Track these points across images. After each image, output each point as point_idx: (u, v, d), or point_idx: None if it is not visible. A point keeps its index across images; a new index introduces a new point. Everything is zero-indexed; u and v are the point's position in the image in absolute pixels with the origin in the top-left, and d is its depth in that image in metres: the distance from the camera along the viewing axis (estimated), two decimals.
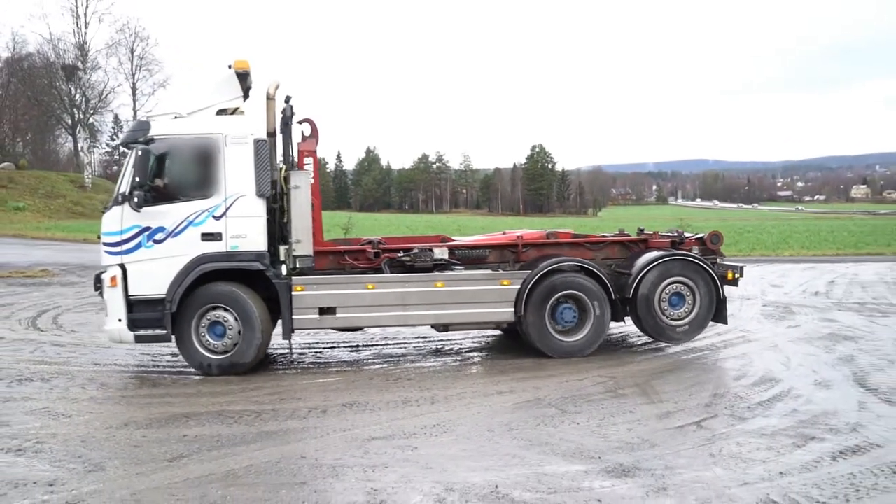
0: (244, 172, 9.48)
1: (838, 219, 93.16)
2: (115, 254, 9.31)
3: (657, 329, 10.74)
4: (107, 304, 9.33)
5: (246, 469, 6.13)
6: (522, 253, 10.93)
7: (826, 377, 9.14)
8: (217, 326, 9.50)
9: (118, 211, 9.29)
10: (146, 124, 9.40)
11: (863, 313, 14.07)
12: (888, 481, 5.75)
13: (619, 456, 6.38)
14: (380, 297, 9.96)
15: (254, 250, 9.52)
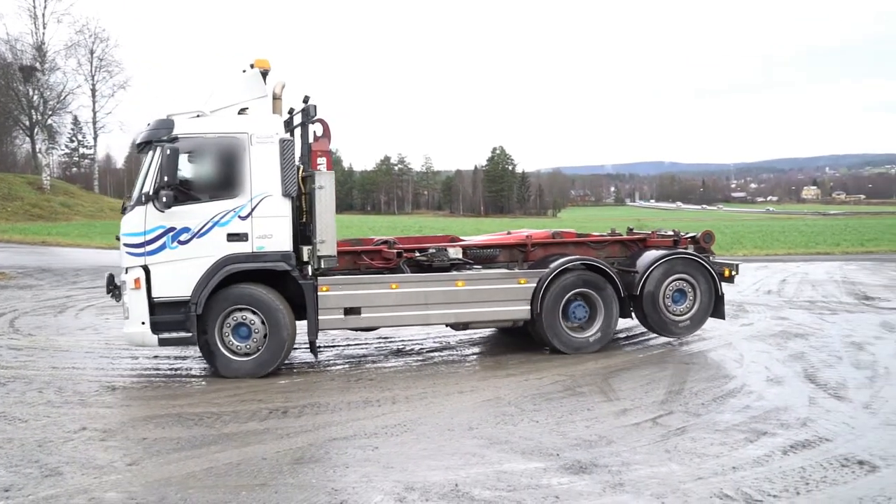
0: (270, 172, 9.37)
1: (790, 219, 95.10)
2: (138, 255, 9.08)
3: (661, 324, 11.10)
4: (128, 307, 9.08)
5: (206, 471, 6.11)
6: (531, 252, 11.24)
7: (778, 374, 9.37)
8: (241, 328, 9.38)
9: (141, 211, 9.08)
10: (170, 122, 9.20)
11: (813, 311, 14.42)
12: (836, 474, 5.93)
13: (577, 453, 6.49)
14: (403, 296, 10.04)
15: (280, 251, 9.44)
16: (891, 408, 7.77)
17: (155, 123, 9.31)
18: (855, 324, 13.08)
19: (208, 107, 9.53)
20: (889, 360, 10.05)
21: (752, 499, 5.44)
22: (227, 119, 9.50)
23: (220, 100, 9.63)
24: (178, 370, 9.90)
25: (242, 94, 9.70)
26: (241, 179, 9.32)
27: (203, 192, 9.38)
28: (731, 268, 11.50)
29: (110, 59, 67.62)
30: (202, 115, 9.46)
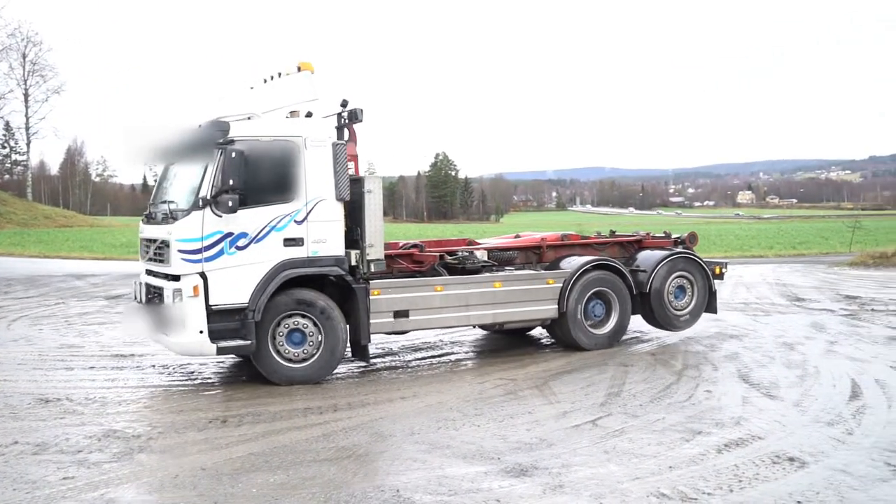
0: (324, 176, 9.32)
1: (726, 223, 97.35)
2: (195, 261, 8.77)
3: (665, 319, 11.88)
4: (182, 316, 8.75)
5: (146, 484, 6.00)
6: (545, 254, 11.80)
7: (712, 374, 9.59)
8: (295, 334, 9.26)
9: (198, 216, 8.76)
10: (226, 125, 8.94)
11: (747, 313, 14.80)
12: (768, 471, 6.10)
13: (518, 456, 6.55)
14: (447, 298, 10.26)
15: (333, 255, 9.41)
16: (820, 406, 8.02)
17: (208, 125, 9.04)
18: (787, 324, 13.47)
19: (260, 109, 9.43)
20: (818, 359, 10.37)
21: (688, 497, 5.56)
22: (281, 122, 9.45)
23: (270, 102, 9.57)
24: (115, 380, 9.68)
25: (292, 96, 9.66)
26: (297, 183, 9.22)
27: (259, 196, 9.05)
28: (721, 266, 12.51)
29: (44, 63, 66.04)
30: (254, 117, 9.36)
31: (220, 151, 8.76)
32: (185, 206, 8.96)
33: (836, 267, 26.24)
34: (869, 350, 10.92)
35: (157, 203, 9.78)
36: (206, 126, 9.04)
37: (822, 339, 11.98)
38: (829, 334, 12.35)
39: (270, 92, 9.77)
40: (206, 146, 8.90)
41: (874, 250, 28.94)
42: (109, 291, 19.85)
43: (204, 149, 8.94)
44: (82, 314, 15.59)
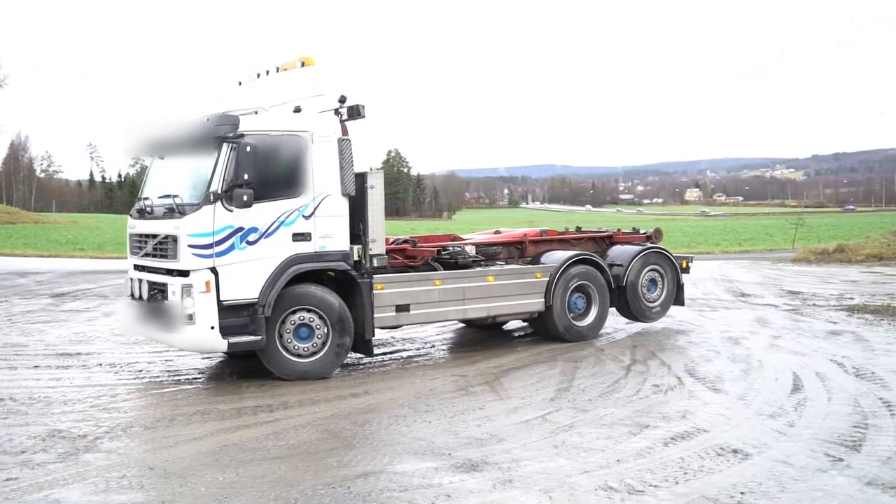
0: (330, 171, 9.37)
1: (674, 220, 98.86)
2: (206, 256, 8.68)
3: (640, 310, 12.48)
4: (194, 311, 8.61)
5: (92, 484, 5.91)
6: (527, 249, 12.17)
7: (659, 369, 9.76)
8: (302, 329, 9.27)
9: (209, 211, 8.65)
10: (235, 119, 8.85)
11: (694, 308, 15.06)
12: (712, 463, 6.23)
13: (469, 451, 6.59)
14: (445, 292, 10.49)
15: (339, 250, 9.48)
16: (763, 399, 8.22)
17: (217, 119, 8.91)
18: (732, 320, 13.76)
19: (265, 103, 9.36)
20: (762, 353, 10.62)
21: (635, 489, 5.66)
22: (289, 116, 9.43)
23: (276, 96, 9.53)
24: (60, 380, 9.50)
25: (298, 91, 9.66)
26: (305, 178, 9.25)
27: (268, 191, 8.98)
28: (687, 260, 13.26)
29: None
30: (261, 111, 9.27)
31: (231, 145, 8.71)
32: (194, 201, 8.82)
33: (779, 263, 26.88)
34: (810, 344, 11.21)
35: (152, 198, 9.62)
36: (214, 120, 8.93)
37: (765, 333, 12.27)
38: (772, 329, 12.65)
39: (276, 86, 9.79)
40: (215, 140, 8.81)
41: (816, 247, 29.71)
42: (54, 289, 19.44)
43: (213, 143, 8.84)
44: (26, 312, 15.24)
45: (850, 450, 6.47)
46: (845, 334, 11.97)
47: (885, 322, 13.01)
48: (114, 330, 12.89)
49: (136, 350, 11.32)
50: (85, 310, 15.68)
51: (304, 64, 9.76)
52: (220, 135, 8.77)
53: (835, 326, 12.75)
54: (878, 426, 7.12)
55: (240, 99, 9.95)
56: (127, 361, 10.50)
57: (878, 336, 11.76)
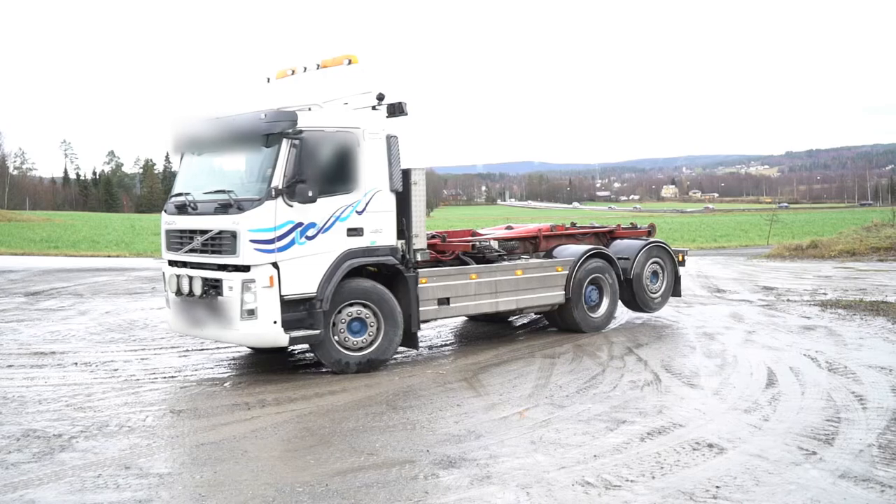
0: (380, 167, 9.55)
1: (650, 216, 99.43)
2: (268, 252, 8.75)
3: (644, 302, 13.09)
4: (256, 306, 8.71)
5: (67, 484, 5.87)
6: (541, 243, 12.52)
7: (636, 364, 9.83)
8: (354, 323, 9.44)
9: (271, 206, 8.72)
10: (293, 115, 8.87)
11: (670, 304, 15.08)
12: (688, 457, 6.29)
13: (447, 448, 6.61)
14: (480, 286, 10.81)
15: (388, 245, 9.69)
16: (738, 394, 8.30)
17: (273, 115, 8.94)
18: (707, 315, 13.89)
19: (314, 100, 9.45)
20: (737, 348, 10.72)
21: (612, 484, 5.71)
22: (342, 113, 9.57)
23: (325, 93, 9.62)
24: (34, 379, 9.41)
25: (348, 88, 9.76)
26: (357, 174, 9.41)
27: (325, 186, 9.07)
28: (683, 254, 13.97)
29: None
30: (314, 108, 9.33)
31: (290, 142, 8.79)
32: (252, 196, 8.87)
33: (754, 259, 27.14)
34: (784, 339, 11.34)
35: (192, 194, 9.59)
36: (271, 116, 8.94)
37: (740, 329, 12.39)
38: (747, 324, 12.78)
39: (320, 83, 9.85)
40: (275, 136, 8.86)
41: (790, 243, 30.03)
42: (28, 288, 19.23)
43: (269, 139, 8.92)
44: (0, 311, 15.08)
45: (823, 443, 6.56)
46: (819, 329, 12.11)
47: (858, 317, 13.18)
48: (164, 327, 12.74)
49: (111, 349, 11.24)
50: (60, 308, 15.53)
51: (350, 62, 9.86)
52: (280, 131, 8.82)
53: (808, 321, 12.89)
54: (850, 420, 7.23)
55: (278, 95, 9.99)
56: (102, 360, 10.41)
57: (850, 331, 11.91)
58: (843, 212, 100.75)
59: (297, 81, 10.21)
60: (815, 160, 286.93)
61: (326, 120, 9.30)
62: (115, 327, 13.15)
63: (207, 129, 9.57)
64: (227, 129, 9.33)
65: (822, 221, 62.90)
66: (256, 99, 10.05)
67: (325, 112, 9.49)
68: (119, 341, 11.84)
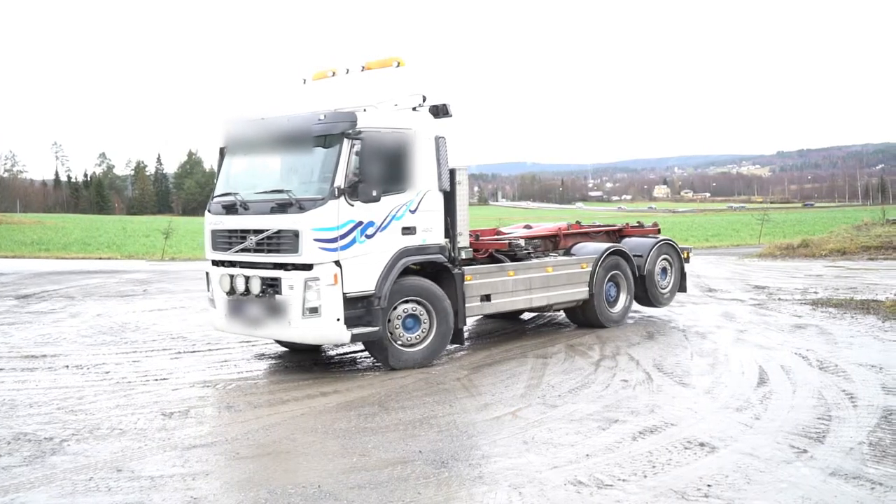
0: (430, 167, 9.77)
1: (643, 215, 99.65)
2: (331, 250, 8.90)
3: (655, 297, 13.55)
4: (320, 304, 8.86)
5: (58, 487, 5.85)
6: (561, 241, 13.02)
7: (628, 364, 9.85)
8: (408, 320, 9.69)
9: (334, 205, 8.88)
10: (353, 116, 9.03)
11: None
12: (680, 456, 6.31)
13: (439, 448, 6.61)
14: (517, 283, 11.17)
15: (437, 243, 9.95)
16: (729, 392, 8.33)
17: (333, 116, 9.13)
18: (699, 314, 13.92)
19: (371, 101, 9.59)
20: (728, 347, 10.75)
21: (604, 483, 5.72)
22: (396, 114, 9.80)
23: (378, 95, 9.78)
24: (25, 382, 9.38)
25: (396, 90, 9.97)
26: (410, 174, 9.62)
27: (382, 186, 9.17)
28: (688, 251, 14.51)
29: None
30: (369, 108, 9.44)
31: (351, 142, 8.95)
32: (316, 196, 8.99)
33: (745, 258, 27.21)
34: (776, 338, 11.37)
35: (241, 193, 9.69)
36: (331, 117, 9.12)
37: (732, 327, 12.42)
38: (738, 323, 12.81)
39: (367, 85, 10.02)
40: (334, 136, 9.03)
41: (781, 242, 30.12)
42: (19, 290, 19.16)
43: (331, 139, 9.07)
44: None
45: (815, 441, 6.58)
46: (810, 328, 12.16)
47: (849, 315, 13.23)
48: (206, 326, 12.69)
49: (102, 351, 11.21)
50: (51, 311, 15.48)
51: (399, 64, 10.03)
52: (340, 131, 8.97)
53: (799, 320, 12.94)
54: (841, 418, 7.26)
55: (322, 97, 10.15)
56: (94, 363, 10.39)
57: (841, 329, 11.95)
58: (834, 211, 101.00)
59: (339, 83, 10.39)
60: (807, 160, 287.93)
61: (382, 121, 9.46)
62: (106, 330, 13.11)
63: (260, 130, 9.73)
64: (283, 130, 9.46)
65: (813, 221, 63.10)
66: (299, 100, 10.31)
67: (380, 113, 9.62)
68: (110, 344, 11.80)
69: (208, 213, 10.10)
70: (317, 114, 9.19)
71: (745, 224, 55.76)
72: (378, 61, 10.19)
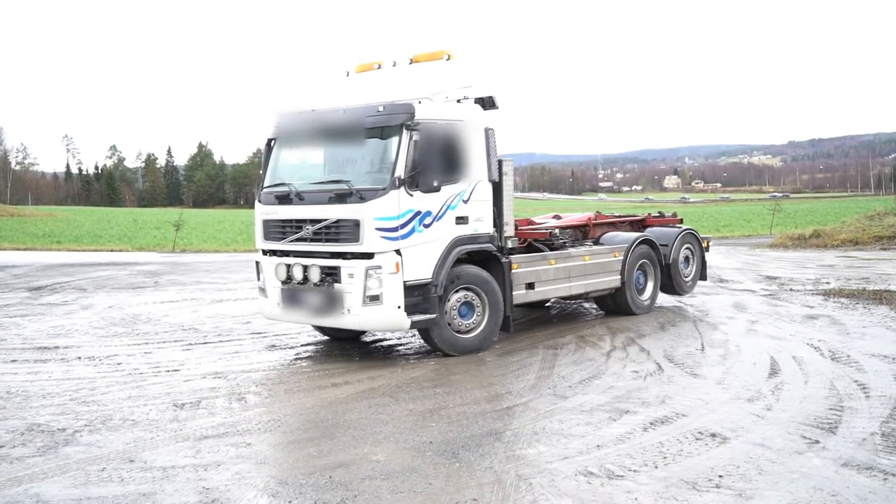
0: (480, 158, 10.01)
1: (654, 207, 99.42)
2: (392, 239, 9.13)
3: (679, 284, 13.85)
4: (381, 292, 9.08)
5: (71, 478, 5.89)
6: (591, 231, 13.27)
7: (639, 355, 9.83)
8: (462, 307, 9.92)
9: (395, 195, 9.08)
10: (411, 107, 9.25)
11: (665, 296, 15.14)
12: (691, 447, 6.29)
13: (450, 438, 6.62)
14: (558, 271, 11.47)
15: (487, 232, 10.20)
16: (741, 383, 8.30)
17: (391, 107, 9.32)
18: (710, 305, 13.88)
19: (423, 93, 9.70)
20: (740, 338, 10.72)
21: (615, 474, 5.71)
22: (449, 106, 9.97)
23: (429, 87, 9.88)
24: (38, 373, 9.43)
25: (447, 82, 10.12)
26: (463, 164, 9.85)
27: (439, 176, 9.40)
28: (707, 241, 14.89)
29: None
30: (425, 101, 9.57)
31: (410, 133, 9.12)
32: (376, 185, 9.16)
33: (757, 249, 27.13)
34: (787, 328, 11.33)
35: (294, 184, 9.84)
36: (389, 108, 9.31)
37: (743, 318, 12.38)
38: (750, 314, 12.77)
39: (422, 77, 10.11)
40: (393, 127, 9.21)
41: (793, 232, 29.99)
42: (31, 283, 19.27)
43: (389, 130, 9.26)
44: (3, 306, 15.11)
45: (826, 432, 6.55)
46: (822, 318, 12.11)
47: (861, 306, 13.16)
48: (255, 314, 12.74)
49: (114, 343, 11.27)
50: (63, 303, 15.56)
51: (449, 57, 10.23)
52: (399, 123, 9.15)
53: (811, 311, 12.88)
54: (853, 408, 7.22)
55: (371, 89, 10.17)
56: (106, 354, 10.44)
57: (853, 320, 11.90)
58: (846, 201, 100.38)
59: (386, 75, 10.51)
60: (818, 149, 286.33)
61: (437, 112, 9.64)
62: (118, 321, 13.18)
63: (315, 122, 9.88)
64: (340, 121, 9.62)
65: (825, 211, 62.76)
66: (346, 92, 10.36)
67: (434, 105, 9.76)
68: (122, 335, 11.86)
69: (259, 203, 10.27)
70: (375, 105, 9.38)
71: (756, 214, 55.52)
72: (427, 54, 10.37)
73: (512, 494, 5.38)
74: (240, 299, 15.78)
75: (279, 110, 10.49)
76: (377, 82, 10.37)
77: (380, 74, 10.61)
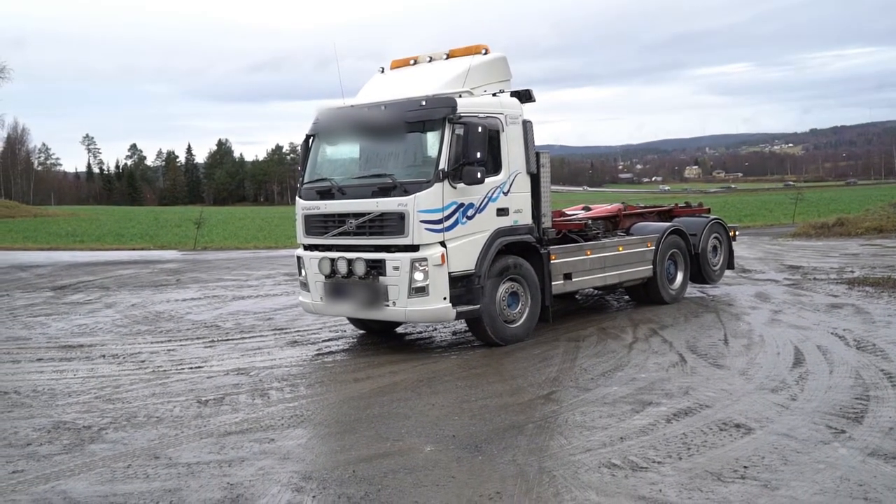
0: (519, 151, 10.18)
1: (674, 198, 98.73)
2: (437, 231, 9.26)
3: (708, 273, 13.98)
4: (427, 284, 9.17)
5: (97, 475, 5.94)
6: (622, 221, 13.38)
7: (661, 346, 9.77)
8: (509, 297, 10.04)
9: (439, 188, 9.20)
10: (453, 101, 9.37)
11: (694, 285, 15.02)
12: (715, 438, 6.25)
13: (473, 432, 6.62)
14: (594, 261, 11.60)
15: (526, 224, 10.33)
16: (765, 374, 8.23)
17: (434, 101, 9.45)
18: (733, 295, 13.78)
19: (470, 87, 9.87)
20: (763, 328, 10.63)
21: (638, 466, 5.68)
22: (490, 99, 10.07)
23: (474, 81, 10.04)
24: (64, 372, 9.53)
25: (490, 76, 10.27)
26: (503, 157, 9.99)
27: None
28: (734, 230, 15.04)
29: None
30: (465, 94, 9.71)
31: (453, 126, 9.22)
32: (420, 179, 9.27)
33: (779, 238, 26.87)
34: (811, 318, 11.22)
35: (336, 179, 10.05)
36: (431, 101, 9.44)
37: (766, 308, 12.27)
38: (773, 304, 12.66)
39: (473, 71, 10.19)
40: (436, 121, 9.33)
41: (816, 221, 29.66)
42: (55, 282, 19.46)
43: (432, 124, 9.39)
44: (28, 306, 15.27)
45: (852, 422, 6.49)
46: (846, 307, 11.98)
47: (886, 294, 13.01)
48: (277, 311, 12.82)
49: (138, 341, 11.35)
50: (86, 302, 15.70)
51: (486, 52, 10.36)
52: (442, 116, 9.26)
53: (835, 300, 12.75)
54: (879, 398, 7.14)
55: (408, 84, 10.26)
56: (130, 352, 10.52)
57: (878, 308, 11.77)
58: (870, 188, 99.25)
59: (423, 71, 10.58)
60: (841, 137, 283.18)
61: (477, 106, 9.72)
62: (141, 319, 13.28)
63: (357, 117, 9.99)
64: (382, 116, 9.69)
65: (849, 199, 62.07)
66: (385, 88, 10.46)
67: (475, 98, 9.87)
68: (146, 333, 11.95)
69: (299, 199, 10.42)
70: (417, 99, 9.50)
71: (778, 203, 55.01)
72: (464, 48, 10.49)
73: (535, 487, 5.36)
74: (261, 296, 15.85)
75: (318, 106, 10.66)
76: (415, 77, 10.44)
77: (416, 70, 10.70)
